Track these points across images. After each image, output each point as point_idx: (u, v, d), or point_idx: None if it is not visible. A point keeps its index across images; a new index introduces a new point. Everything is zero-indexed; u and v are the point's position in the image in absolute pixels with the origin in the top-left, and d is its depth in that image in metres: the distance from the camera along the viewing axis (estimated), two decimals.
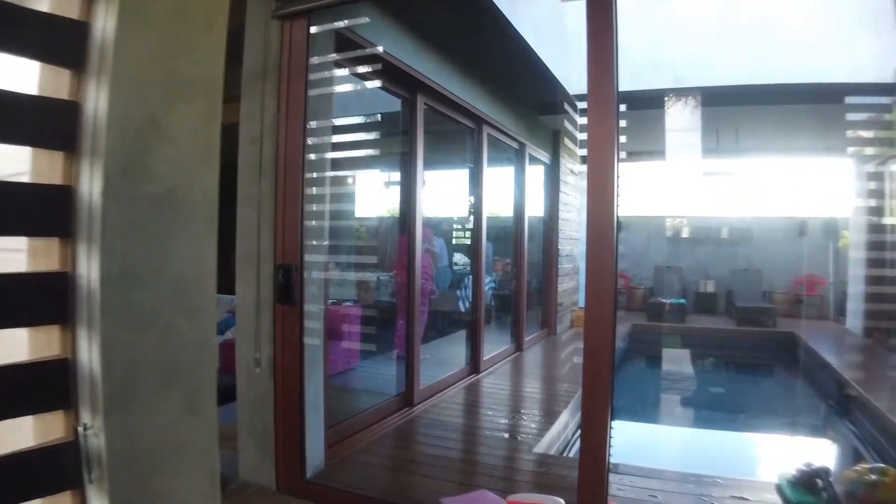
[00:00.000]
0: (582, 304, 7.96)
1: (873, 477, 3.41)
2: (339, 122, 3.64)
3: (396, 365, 5.59)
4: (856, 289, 10.41)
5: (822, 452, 6.65)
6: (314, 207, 3.44)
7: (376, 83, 4.00)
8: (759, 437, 7.34)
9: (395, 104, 5.25)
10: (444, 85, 5.37)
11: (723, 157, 11.28)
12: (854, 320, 10.42)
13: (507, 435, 4.60)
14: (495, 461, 4.17)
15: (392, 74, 4.62)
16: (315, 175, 3.43)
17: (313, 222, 3.41)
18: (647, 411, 8.06)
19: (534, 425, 4.84)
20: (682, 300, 11.77)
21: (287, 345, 3.32)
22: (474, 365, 6.54)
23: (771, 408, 8.49)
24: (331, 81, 3.45)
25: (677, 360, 10.76)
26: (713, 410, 8.15)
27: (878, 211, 9.88)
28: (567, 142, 9.50)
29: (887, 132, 7.31)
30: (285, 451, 3.40)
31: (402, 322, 5.50)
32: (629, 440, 6.90)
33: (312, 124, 3.38)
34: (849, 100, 7.01)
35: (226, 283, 2.40)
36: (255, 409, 3.48)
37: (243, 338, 3.48)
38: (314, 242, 3.41)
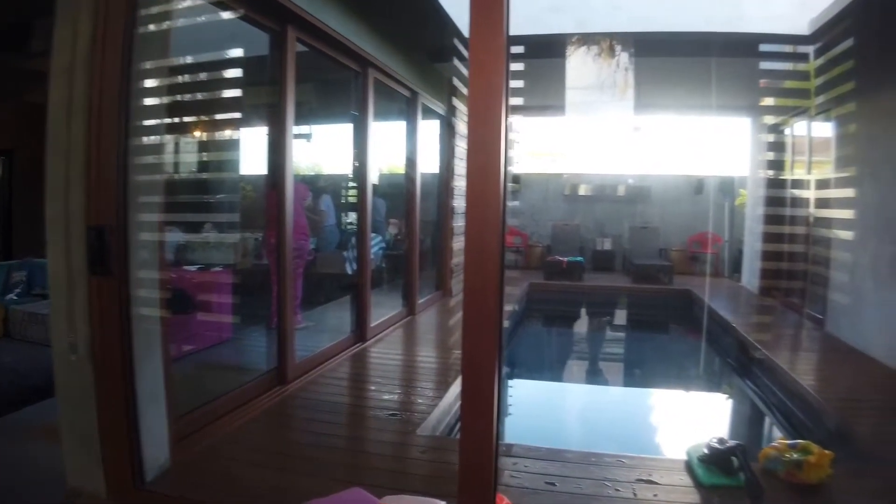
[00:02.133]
0: None
1: (795, 455, 3.14)
2: (188, 59, 3.02)
3: (269, 337, 4.98)
4: (752, 246, 10.46)
5: (721, 410, 6.68)
6: (150, 159, 2.81)
7: (236, 13, 3.36)
8: (659, 393, 7.31)
9: (264, 42, 4.58)
10: (321, 18, 4.71)
11: (625, 113, 11.04)
12: (750, 278, 10.50)
13: (392, 414, 4.10)
14: (378, 448, 3.67)
15: (256, 2, 3.97)
16: (149, 122, 2.78)
17: (144, 176, 2.77)
18: (545, 372, 7.82)
19: (422, 401, 4.37)
20: (580, 258, 11.60)
21: (105, 324, 2.66)
22: (360, 333, 6.00)
23: (669, 366, 8.40)
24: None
25: (575, 319, 10.61)
26: (612, 369, 7.96)
27: (777, 166, 9.88)
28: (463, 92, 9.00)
29: (802, 83, 7.18)
30: (114, 452, 2.78)
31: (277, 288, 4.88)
32: (525, 400, 6.71)
33: (148, 63, 2.72)
34: (763, 48, 6.85)
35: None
36: (77, 404, 2.82)
37: (57, 317, 2.80)
38: (144, 199, 2.77)
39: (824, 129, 8.20)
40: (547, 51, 6.82)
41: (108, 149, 2.60)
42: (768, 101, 8.14)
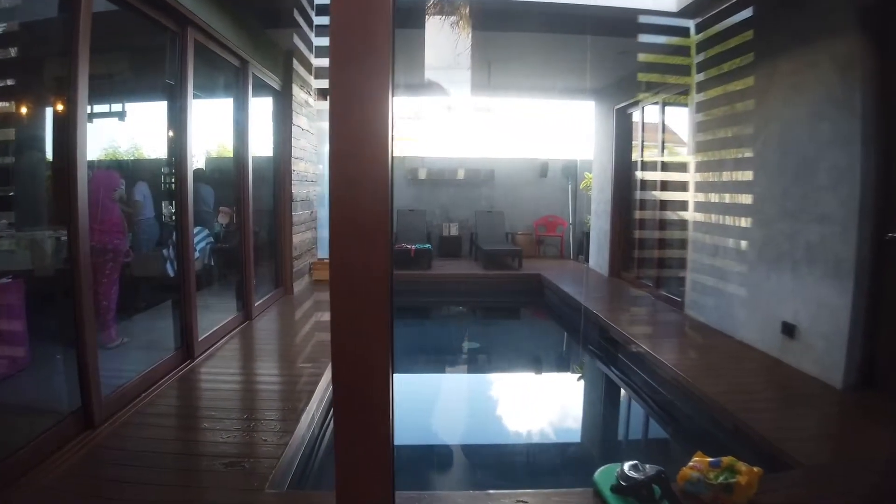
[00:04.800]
0: (322, 255, 6.69)
1: (721, 477, 2.72)
2: None
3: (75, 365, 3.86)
4: (600, 229, 10.33)
5: (578, 391, 6.59)
6: None
7: None
8: (519, 377, 7.06)
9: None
10: None
11: (473, 94, 10.58)
12: (598, 260, 10.35)
13: (230, 464, 3.19)
14: None
15: None
16: None
17: None
18: (401, 366, 7.15)
19: (268, 437, 3.49)
20: (428, 245, 10.99)
21: None
22: (187, 348, 4.99)
23: (525, 351, 8.00)
24: None
25: (427, 310, 10.04)
26: (470, 361, 7.41)
27: (624, 150, 9.75)
28: (299, 68, 8.08)
29: (680, 59, 6.92)
30: None
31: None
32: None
33: None
34: (643, 19, 6.49)
35: None
36: None
37: None
38: None
39: (676, 113, 8.11)
40: (407, 19, 6.03)
41: None
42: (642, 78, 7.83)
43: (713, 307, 6.33)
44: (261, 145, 6.96)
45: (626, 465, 2.73)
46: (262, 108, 7.33)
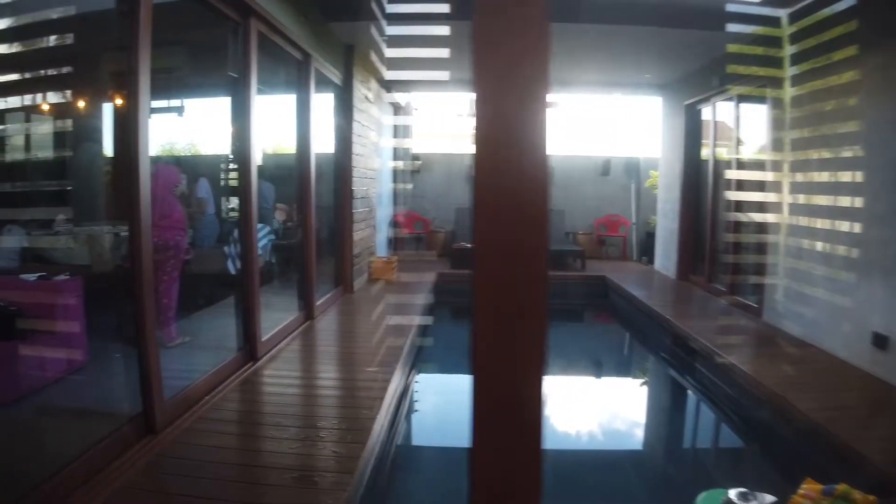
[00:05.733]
0: (381, 252, 6.49)
1: None
2: None
3: (136, 366, 3.69)
4: (666, 229, 9.93)
5: (663, 403, 6.23)
6: None
7: None
8: (586, 382, 6.84)
9: None
10: None
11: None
12: (665, 262, 9.95)
13: (300, 478, 2.98)
14: None
15: None
16: None
17: None
18: (463, 370, 6.90)
19: (339, 449, 3.28)
20: None
21: None
22: (250, 350, 4.82)
23: (594, 358, 7.67)
24: None
25: None
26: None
27: (693, 147, 9.36)
28: (374, 58, 7.91)
29: (771, 50, 6.50)
30: None
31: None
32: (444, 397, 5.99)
33: None
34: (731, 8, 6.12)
35: None
36: None
37: None
38: None
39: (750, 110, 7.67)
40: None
41: None
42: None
43: (796, 315, 5.91)
44: (322, 141, 6.78)
45: (734, 493, 2.48)
46: (323, 104, 7.15)
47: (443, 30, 5.27)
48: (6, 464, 2.86)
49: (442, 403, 5.76)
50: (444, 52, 5.60)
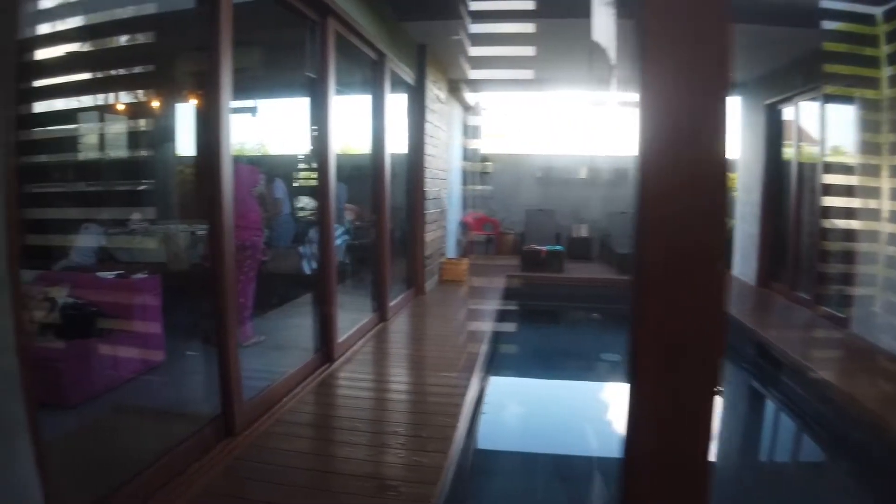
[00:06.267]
0: (451, 254, 6.37)
1: None
2: None
3: (214, 366, 3.64)
4: (746, 233, 9.54)
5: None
6: None
7: None
8: None
9: None
10: None
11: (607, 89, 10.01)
12: (743, 268, 9.56)
13: (383, 487, 2.88)
14: None
15: None
16: None
17: None
18: (537, 377, 6.74)
19: (421, 458, 3.17)
20: (559, 247, 10.44)
21: None
22: (326, 351, 4.77)
23: None
24: None
25: (559, 315, 9.59)
26: (612, 372, 6.87)
27: (775, 149, 8.98)
28: (449, 57, 7.82)
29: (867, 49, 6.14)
30: None
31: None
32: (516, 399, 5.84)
33: None
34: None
35: None
36: None
37: None
38: None
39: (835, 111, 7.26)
40: (568, 8, 5.55)
41: None
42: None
43: (891, 328, 5.55)
44: (394, 142, 6.71)
45: None
46: (397, 104, 7.08)
47: (527, 27, 5.14)
48: (88, 465, 2.84)
49: (515, 407, 5.63)
50: (529, 51, 5.46)
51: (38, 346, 3.86)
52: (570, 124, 12.58)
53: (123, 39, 6.00)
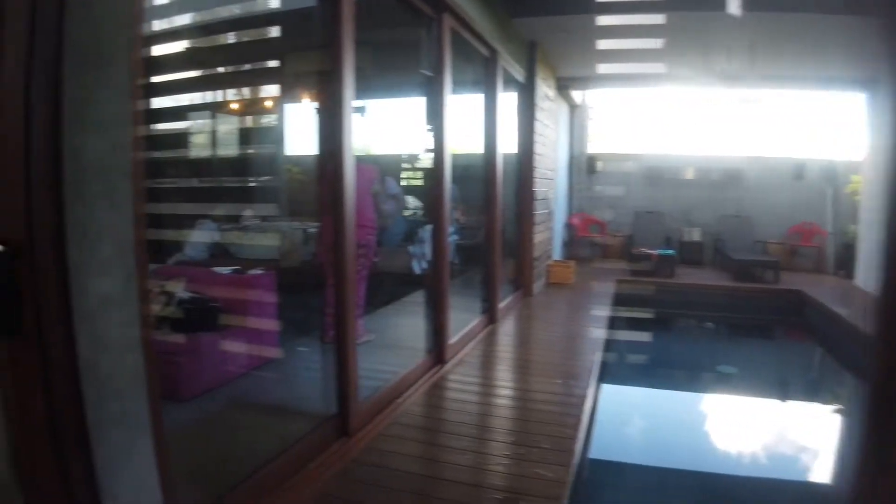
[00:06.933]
0: (558, 256, 6.18)
1: None
2: None
3: (325, 358, 3.63)
4: (872, 241, 8.88)
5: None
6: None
7: None
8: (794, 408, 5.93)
9: None
10: None
11: (718, 85, 9.58)
12: (869, 277, 8.89)
13: (506, 500, 2.76)
14: None
15: None
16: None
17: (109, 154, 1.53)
18: (650, 386, 6.47)
19: (542, 471, 3.02)
20: (671, 251, 10.05)
21: (32, 430, 1.43)
22: (438, 352, 4.70)
23: (790, 380, 6.88)
24: None
25: (671, 322, 9.22)
26: (726, 384, 6.51)
27: None
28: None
29: None
30: None
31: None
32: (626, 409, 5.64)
33: None
34: None
35: None
36: None
37: None
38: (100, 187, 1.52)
39: None
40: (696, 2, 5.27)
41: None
42: None
43: None
44: (505, 141, 6.58)
45: None
46: (508, 102, 6.96)
47: (657, 18, 4.91)
48: (202, 461, 2.84)
49: (630, 418, 5.41)
50: (657, 43, 5.23)
51: (156, 340, 3.94)
52: (681, 122, 12.09)
53: (238, 38, 6.14)
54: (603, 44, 6.60)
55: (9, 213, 1.40)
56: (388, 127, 9.90)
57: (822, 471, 4.49)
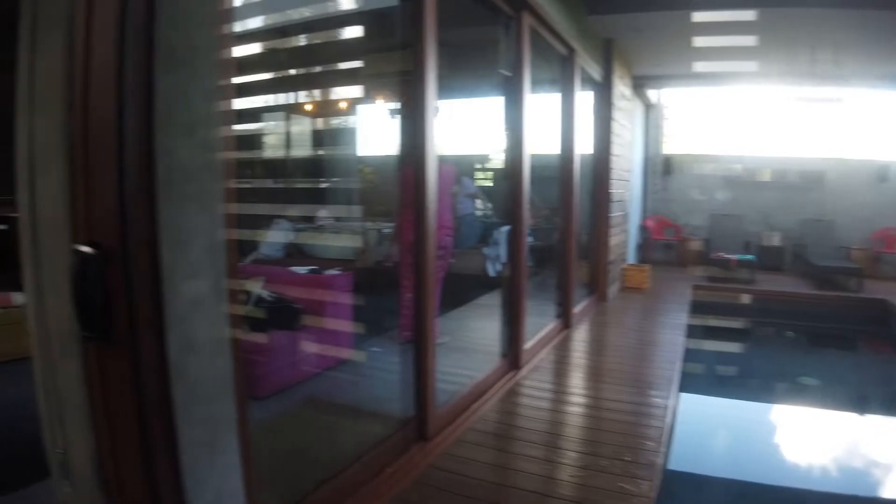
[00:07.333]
0: (632, 259, 6.01)
1: None
2: None
3: (401, 359, 3.57)
4: None
5: None
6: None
7: None
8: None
9: None
10: None
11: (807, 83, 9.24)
12: None
13: None
14: None
15: None
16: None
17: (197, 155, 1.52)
18: (726, 396, 6.23)
19: (626, 485, 2.90)
20: (751, 256, 9.67)
21: (119, 433, 1.41)
22: (513, 357, 4.61)
23: (872, 394, 6.49)
24: None
25: (750, 331, 8.89)
26: (809, 397, 6.21)
27: None
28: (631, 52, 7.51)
29: None
30: None
31: (409, 296, 3.51)
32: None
33: None
34: None
35: None
36: None
37: (44, 412, 1.58)
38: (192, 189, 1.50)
39: None
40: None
41: (101, 116, 1.33)
42: None
43: None
44: (581, 141, 6.45)
45: None
46: (584, 102, 6.82)
47: (748, 15, 4.71)
48: (280, 461, 2.82)
49: (711, 429, 5.22)
50: (750, 41, 5.03)
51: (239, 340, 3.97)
52: (760, 122, 11.65)
53: (319, 39, 6.17)
54: (698, 41, 6.38)
55: (101, 216, 1.39)
56: (465, 127, 9.85)
57: None
